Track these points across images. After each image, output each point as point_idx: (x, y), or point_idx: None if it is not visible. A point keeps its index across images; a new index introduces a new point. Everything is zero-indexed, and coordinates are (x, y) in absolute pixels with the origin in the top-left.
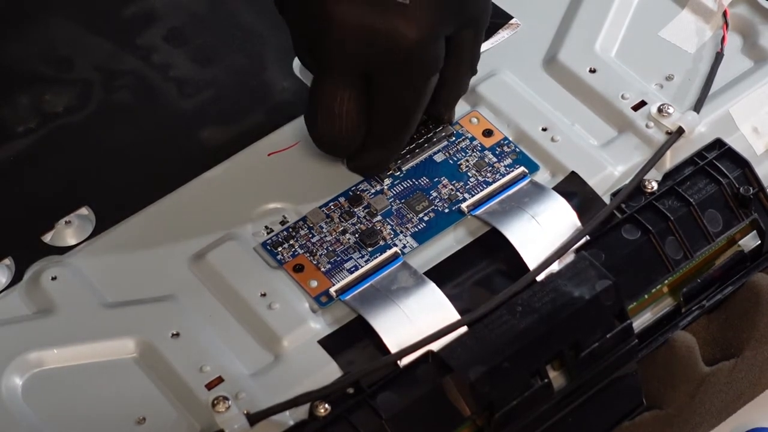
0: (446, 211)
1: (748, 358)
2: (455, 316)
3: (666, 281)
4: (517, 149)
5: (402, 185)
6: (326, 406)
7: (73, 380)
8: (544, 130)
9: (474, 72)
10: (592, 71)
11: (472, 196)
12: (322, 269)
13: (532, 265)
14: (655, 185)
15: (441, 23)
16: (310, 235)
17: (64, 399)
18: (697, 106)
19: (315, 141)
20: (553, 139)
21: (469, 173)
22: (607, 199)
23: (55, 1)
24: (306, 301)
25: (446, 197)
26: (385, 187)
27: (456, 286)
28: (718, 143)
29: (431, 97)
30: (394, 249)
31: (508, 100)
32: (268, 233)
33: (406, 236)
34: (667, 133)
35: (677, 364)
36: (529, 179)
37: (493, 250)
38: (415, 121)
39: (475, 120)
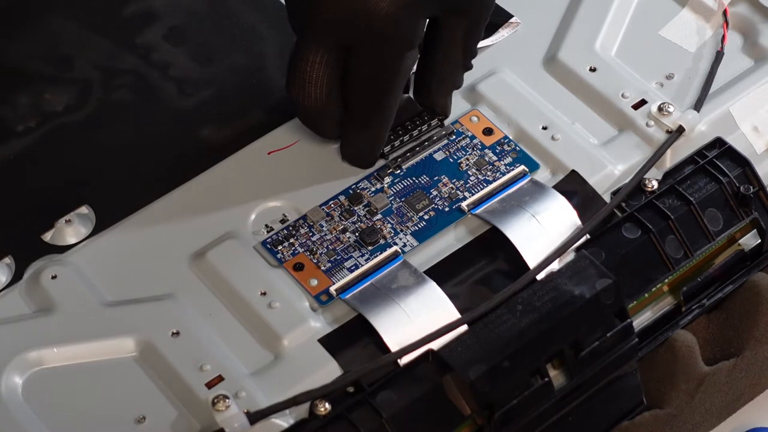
0: (446, 209)
1: (748, 358)
2: (455, 315)
3: (666, 280)
4: (518, 148)
5: (402, 184)
6: (326, 405)
7: (73, 379)
8: (545, 128)
9: (467, 67)
10: (593, 70)
11: (473, 194)
12: (322, 268)
13: (532, 263)
14: (655, 184)
15: (419, 1)
16: (310, 234)
17: (64, 398)
18: (698, 105)
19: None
20: (553, 138)
21: (469, 172)
22: (607, 198)
23: (55, 1)
24: (306, 299)
25: (446, 196)
26: (386, 186)
27: (456, 285)
28: (718, 142)
29: (424, 87)
30: (395, 248)
31: (509, 98)
32: (268, 232)
33: (406, 235)
34: (668, 131)
35: (677, 364)
36: (529, 178)
37: (493, 249)
38: (388, 101)
39: (475, 118)
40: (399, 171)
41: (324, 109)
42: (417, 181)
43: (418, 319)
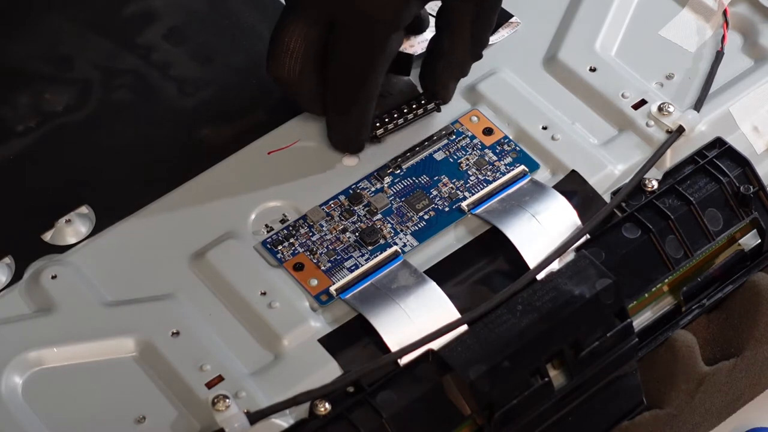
0: (446, 209)
1: (748, 358)
2: (455, 315)
3: (666, 280)
4: (518, 148)
5: (402, 183)
6: (326, 405)
7: (73, 379)
8: (545, 128)
9: (476, 55)
10: (593, 70)
11: (473, 194)
12: (322, 268)
13: (532, 263)
14: (655, 184)
15: None
16: (310, 234)
17: (64, 398)
18: (698, 105)
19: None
20: (553, 138)
21: (469, 172)
22: (607, 198)
23: (55, 1)
24: (306, 299)
25: (446, 196)
26: (386, 186)
27: (456, 285)
28: (718, 142)
29: (430, 70)
30: (395, 248)
31: (509, 98)
32: (268, 232)
33: (406, 235)
34: (668, 131)
35: (677, 364)
36: (529, 178)
37: (493, 249)
38: (370, 83)
39: (475, 118)
40: (399, 171)
41: (296, 82)
42: (417, 181)
43: (418, 319)
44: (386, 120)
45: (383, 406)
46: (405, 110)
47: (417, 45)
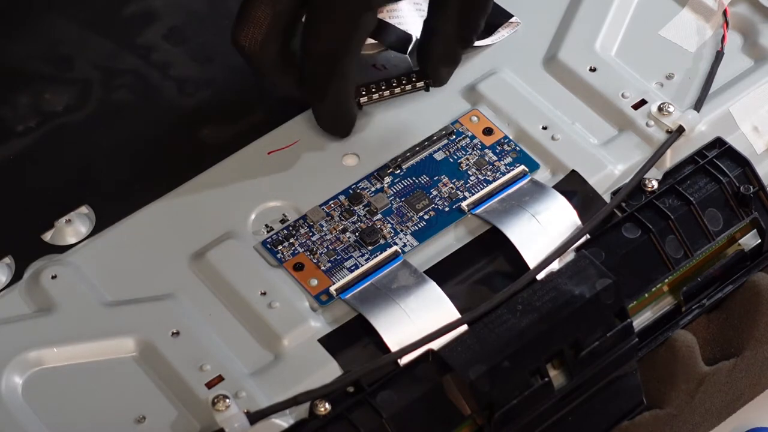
0: (446, 209)
1: (748, 358)
2: (455, 315)
3: (666, 280)
4: (518, 148)
5: (402, 183)
6: (326, 405)
7: (73, 379)
8: (545, 128)
9: (467, 40)
10: (593, 70)
11: (473, 194)
12: (322, 268)
13: (532, 263)
14: (655, 184)
15: None
16: (310, 234)
17: (64, 398)
18: (698, 105)
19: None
20: (553, 138)
21: (469, 172)
22: (607, 198)
23: (55, 1)
24: (306, 299)
25: (446, 196)
26: (386, 186)
27: (456, 285)
28: (718, 142)
29: (424, 50)
30: (395, 248)
31: (509, 98)
32: (268, 232)
33: (406, 235)
34: (668, 131)
35: (677, 364)
36: (529, 178)
37: (493, 249)
38: (343, 65)
39: (475, 118)
40: (399, 171)
41: (257, 53)
42: (417, 181)
43: (418, 319)
44: (372, 90)
45: (383, 406)
46: (393, 84)
47: (386, 13)
